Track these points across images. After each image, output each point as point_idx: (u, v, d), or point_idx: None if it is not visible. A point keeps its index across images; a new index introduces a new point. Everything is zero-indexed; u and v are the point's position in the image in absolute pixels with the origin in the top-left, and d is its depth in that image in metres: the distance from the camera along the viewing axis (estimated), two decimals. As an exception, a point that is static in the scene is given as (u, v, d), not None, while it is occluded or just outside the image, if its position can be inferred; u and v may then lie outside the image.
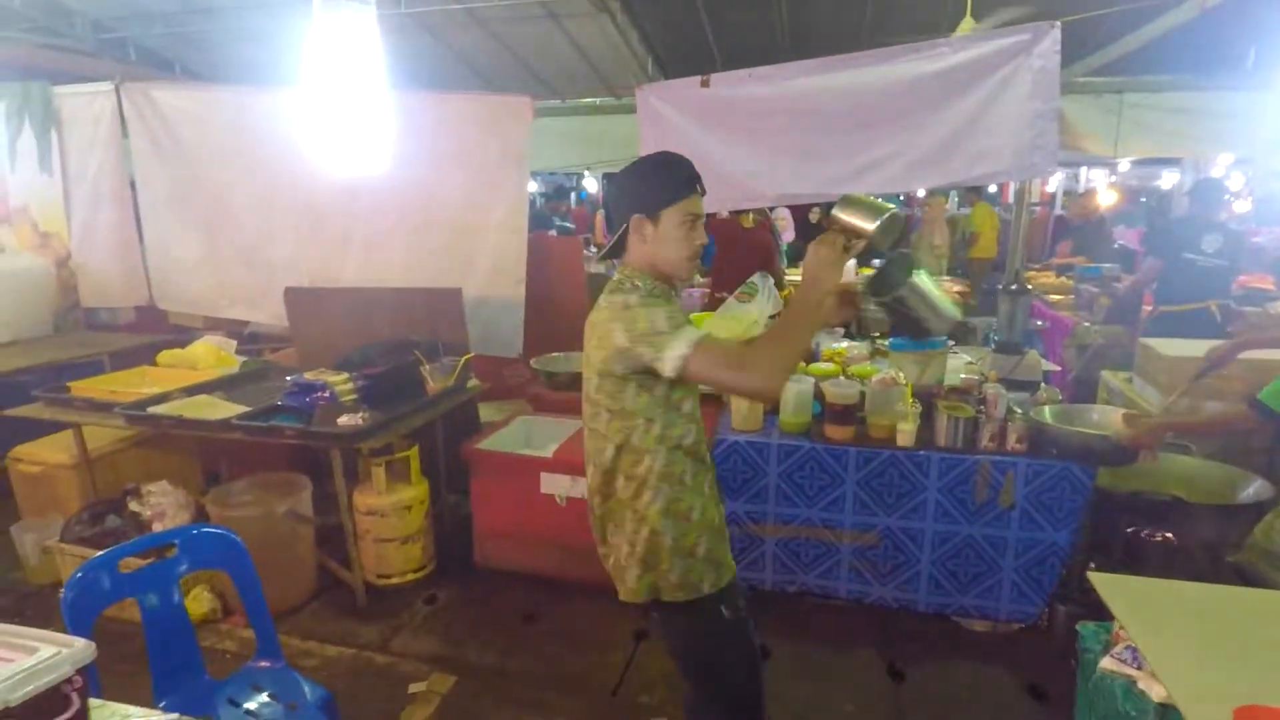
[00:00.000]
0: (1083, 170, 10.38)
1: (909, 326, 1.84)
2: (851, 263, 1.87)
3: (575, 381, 4.32)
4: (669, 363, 1.58)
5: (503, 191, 4.16)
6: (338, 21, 2.88)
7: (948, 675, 2.86)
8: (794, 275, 6.88)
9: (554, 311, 4.55)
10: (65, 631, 1.57)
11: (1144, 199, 10.24)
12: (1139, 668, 1.60)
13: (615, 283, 1.75)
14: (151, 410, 3.26)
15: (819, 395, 3.15)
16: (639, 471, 1.72)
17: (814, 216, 7.80)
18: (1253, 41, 3.99)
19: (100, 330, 5.24)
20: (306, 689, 2.05)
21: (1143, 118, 4.04)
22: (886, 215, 1.59)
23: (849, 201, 1.65)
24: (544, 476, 3.32)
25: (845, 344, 3.88)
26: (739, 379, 1.61)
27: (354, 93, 2.96)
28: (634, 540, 1.75)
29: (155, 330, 5.05)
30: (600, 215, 10.54)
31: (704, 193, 1.75)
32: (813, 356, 3.74)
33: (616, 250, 1.78)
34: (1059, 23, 3.23)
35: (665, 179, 1.72)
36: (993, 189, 8.02)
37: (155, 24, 4.89)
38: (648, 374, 1.66)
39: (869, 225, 1.59)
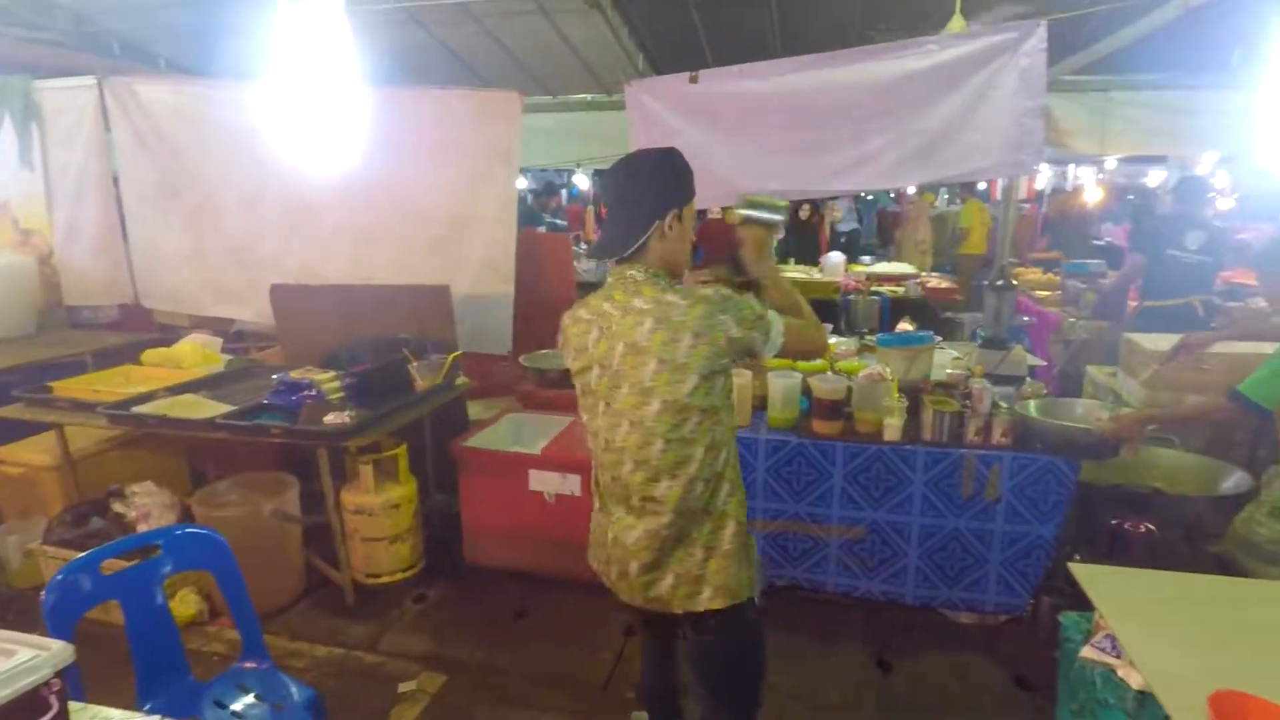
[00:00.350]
0: (1070, 168, 10.44)
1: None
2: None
3: (565, 379, 4.32)
4: (776, 342, 1.67)
5: (492, 187, 4.14)
6: (304, 14, 2.85)
7: (934, 666, 2.88)
8: (787, 271, 6.90)
9: (543, 309, 4.53)
10: (47, 635, 1.56)
11: (1131, 196, 10.31)
12: (1118, 656, 1.62)
13: (644, 282, 1.66)
14: (136, 410, 3.23)
15: (807, 390, 3.16)
16: (718, 467, 1.68)
17: (804, 214, 7.82)
18: (1236, 42, 4.02)
19: (83, 329, 5.18)
20: (293, 689, 2.04)
21: (1128, 116, 4.08)
22: (785, 205, 1.95)
23: (751, 202, 1.93)
24: (533, 474, 3.32)
25: (833, 340, 3.89)
26: (811, 342, 1.83)
27: (325, 87, 2.93)
28: (714, 542, 1.68)
29: (139, 329, 4.99)
30: (590, 211, 10.51)
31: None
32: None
33: (641, 249, 1.68)
34: (1045, 21, 3.24)
35: (686, 172, 1.72)
36: (981, 186, 8.05)
37: (139, 17, 4.83)
38: (739, 361, 1.71)
39: (778, 216, 1.94)
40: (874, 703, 2.71)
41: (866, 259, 8.46)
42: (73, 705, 1.31)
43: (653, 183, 1.69)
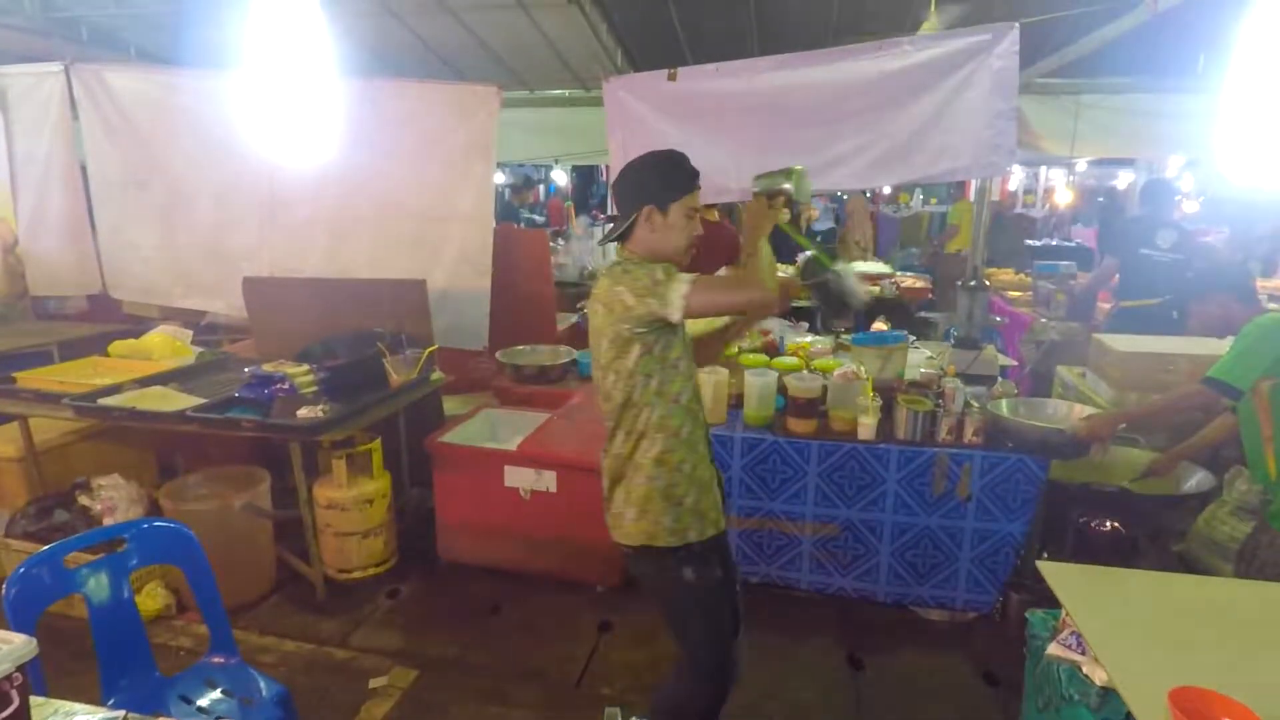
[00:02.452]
0: (1042, 169, 10.60)
1: (830, 305, 2.19)
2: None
3: (541, 375, 4.32)
4: (674, 304, 1.77)
5: (469, 181, 4.12)
6: (278, 3, 2.82)
7: (905, 663, 2.92)
8: (779, 271, 6.92)
9: (520, 304, 4.53)
10: (8, 629, 1.53)
11: (1100, 199, 10.50)
12: (1083, 653, 1.65)
13: (614, 263, 1.92)
14: (102, 402, 3.18)
15: (782, 389, 3.18)
16: (639, 425, 1.88)
17: (784, 217, 7.86)
18: (1203, 47, 4.10)
19: (49, 320, 5.09)
20: (262, 684, 2.02)
21: (1098, 119, 4.15)
22: (794, 172, 1.99)
23: (759, 178, 2.03)
24: (508, 470, 3.31)
25: (809, 339, 3.92)
26: (738, 295, 1.93)
27: (298, 78, 2.90)
28: (630, 488, 1.91)
29: (107, 320, 4.91)
30: (571, 207, 10.49)
31: (700, 188, 1.95)
32: (777, 350, 3.78)
33: (624, 235, 1.93)
34: (1018, 24, 3.29)
35: (676, 174, 1.92)
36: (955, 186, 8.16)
37: (109, 3, 4.74)
38: (653, 329, 1.82)
39: (786, 183, 1.98)
40: (846, 700, 2.73)
41: (867, 257, 8.52)
42: (34, 700, 1.29)
43: (643, 181, 1.92)
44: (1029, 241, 9.46)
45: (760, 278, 1.92)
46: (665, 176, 1.91)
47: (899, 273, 7.52)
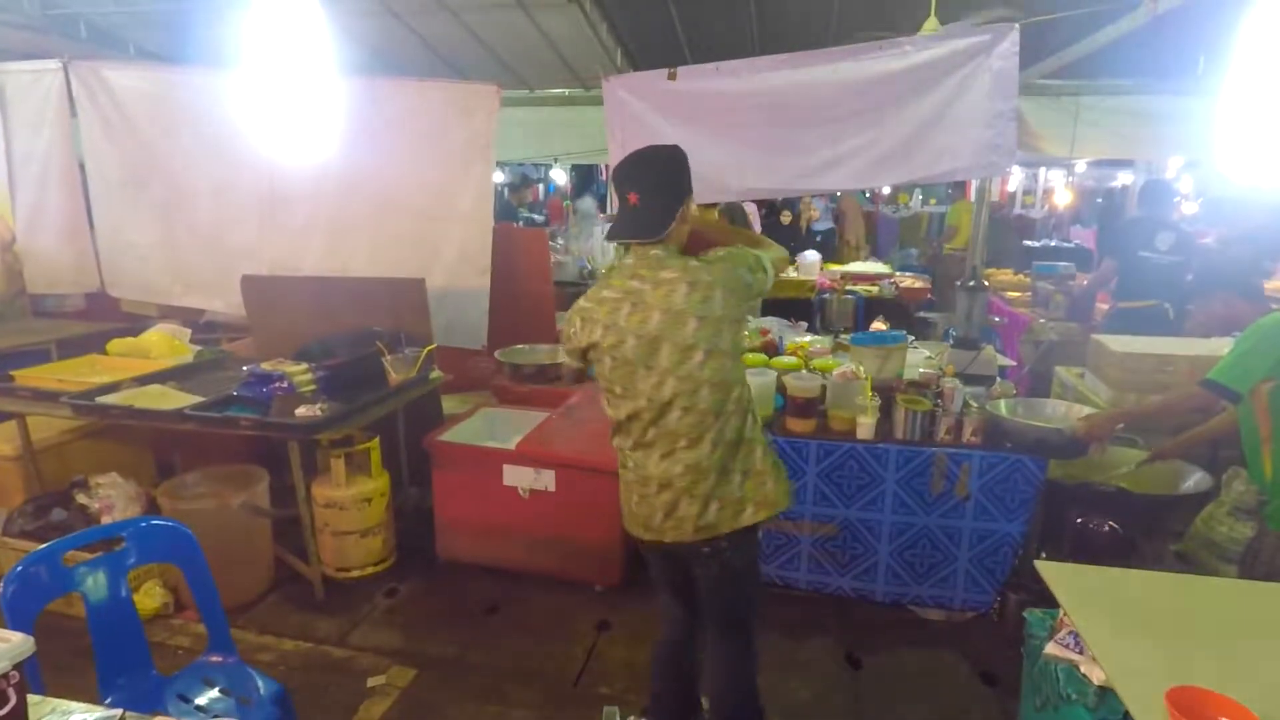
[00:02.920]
0: (1041, 170, 10.60)
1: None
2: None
3: (540, 374, 4.31)
4: (771, 271, 1.97)
5: (468, 180, 4.12)
6: (277, 1, 2.81)
7: (904, 663, 2.92)
8: None
9: (519, 303, 4.53)
10: (6, 627, 1.53)
11: (1099, 199, 10.51)
12: (1081, 652, 1.65)
13: (666, 258, 1.91)
14: (101, 400, 3.17)
15: (781, 388, 3.18)
16: (744, 403, 1.95)
17: (785, 219, 7.88)
18: (1203, 48, 4.10)
19: (47, 317, 5.08)
20: (260, 683, 2.02)
21: (1098, 120, 4.15)
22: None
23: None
24: (506, 469, 3.30)
25: (808, 338, 3.92)
26: (780, 255, 2.12)
27: (298, 76, 2.90)
28: (750, 464, 1.96)
29: (106, 318, 4.89)
30: (570, 205, 10.48)
31: None
32: (776, 350, 3.78)
33: (660, 229, 1.90)
34: (1018, 25, 3.29)
35: (688, 166, 1.98)
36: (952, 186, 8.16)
37: (108, 1, 4.73)
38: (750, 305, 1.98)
39: None
40: (844, 699, 2.73)
41: (861, 256, 8.53)
42: (32, 698, 1.29)
43: (678, 173, 1.95)
44: (1028, 242, 9.46)
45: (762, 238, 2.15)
46: (687, 169, 1.97)
47: (898, 273, 7.54)
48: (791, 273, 7.06)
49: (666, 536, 1.98)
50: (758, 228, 7.60)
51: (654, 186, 1.92)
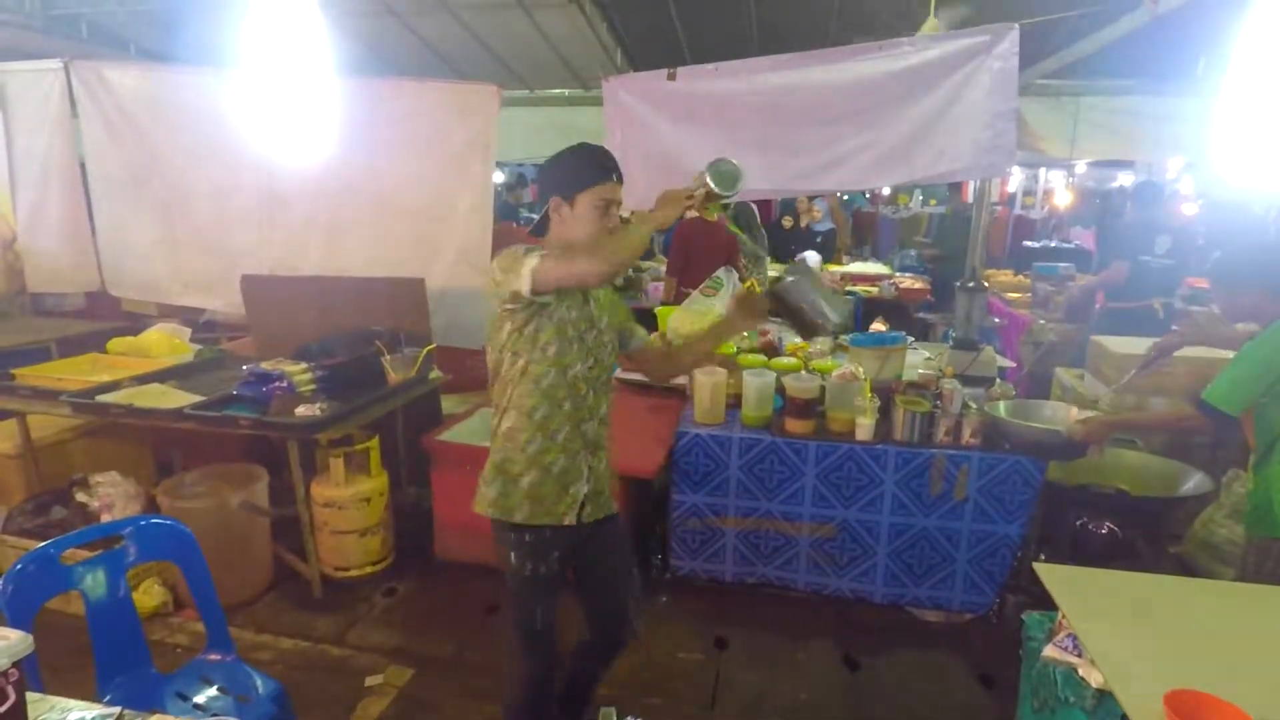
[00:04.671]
0: (1041, 171, 10.59)
1: (800, 325, 2.09)
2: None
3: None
4: (525, 277, 1.79)
5: (468, 180, 4.12)
6: (278, 1, 2.82)
7: (901, 665, 2.92)
8: (779, 272, 6.93)
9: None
10: (5, 624, 1.53)
11: (1097, 200, 10.50)
12: (1079, 655, 1.65)
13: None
14: (100, 399, 3.18)
15: (780, 389, 3.18)
16: (503, 401, 1.97)
17: (787, 224, 7.88)
18: (1202, 50, 4.10)
19: (47, 316, 5.08)
20: (258, 682, 2.02)
21: (1098, 120, 4.14)
22: (710, 168, 1.89)
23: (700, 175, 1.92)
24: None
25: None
26: (581, 266, 1.81)
27: (297, 75, 2.90)
28: (496, 460, 1.99)
29: (106, 317, 4.90)
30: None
31: (621, 181, 1.94)
32: (775, 351, 3.78)
33: (541, 229, 2.00)
34: (1017, 25, 3.29)
35: (581, 166, 1.94)
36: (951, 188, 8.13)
37: (109, 1, 4.74)
38: (523, 308, 1.86)
39: (707, 178, 1.88)
40: (842, 701, 2.73)
41: (845, 258, 8.53)
42: (31, 696, 1.29)
43: (545, 174, 2.01)
44: (1028, 243, 9.45)
45: (616, 250, 1.84)
46: (571, 169, 1.95)
47: (898, 274, 7.54)
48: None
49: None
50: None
51: (541, 190, 2.04)
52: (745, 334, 3.83)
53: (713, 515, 3.19)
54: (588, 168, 1.94)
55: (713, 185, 1.87)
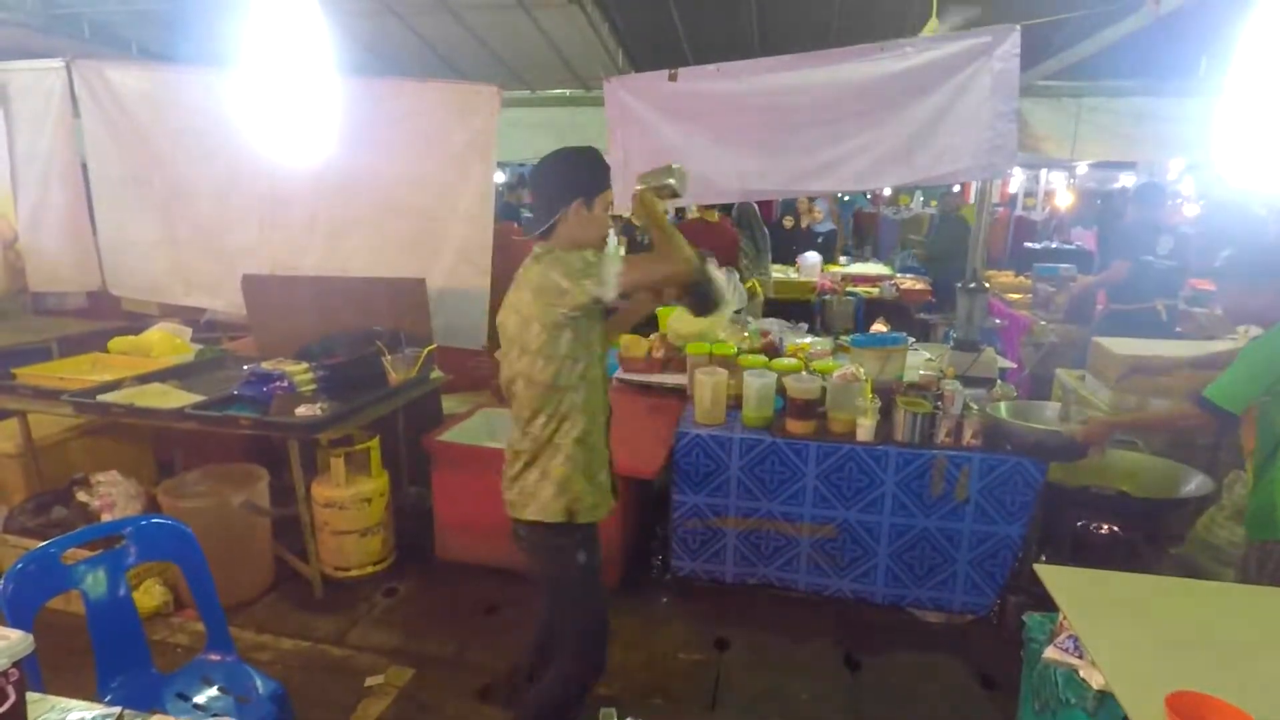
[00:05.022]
0: (1043, 172, 10.59)
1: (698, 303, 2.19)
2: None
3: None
4: (610, 282, 1.85)
5: (469, 181, 4.12)
6: (279, 1, 2.82)
7: (902, 665, 2.91)
8: (780, 272, 6.93)
9: (519, 303, 4.51)
10: (5, 624, 1.53)
11: (1098, 201, 10.50)
12: (1080, 657, 1.65)
13: (537, 256, 1.99)
14: (101, 398, 3.18)
15: (781, 390, 3.18)
16: (562, 408, 1.96)
17: (788, 224, 7.89)
18: (1204, 50, 4.09)
19: (48, 315, 5.09)
20: (258, 682, 2.02)
21: (1099, 121, 4.13)
22: (674, 170, 2.03)
23: (644, 176, 2.06)
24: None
25: (808, 340, 3.92)
26: (666, 267, 1.97)
27: (298, 75, 2.90)
28: (549, 468, 1.98)
29: (107, 317, 4.91)
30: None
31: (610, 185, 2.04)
32: (776, 351, 3.78)
33: (549, 230, 2.00)
34: (1019, 26, 3.28)
35: (596, 168, 2.02)
36: (955, 188, 8.12)
37: (111, 0, 4.75)
38: (586, 313, 1.90)
39: (669, 179, 2.02)
40: (843, 702, 2.73)
41: (843, 259, 8.53)
42: (31, 696, 1.29)
43: (564, 174, 2.00)
44: (1028, 244, 9.45)
45: (682, 250, 1.97)
46: (592, 170, 2.00)
47: (899, 275, 7.54)
48: (792, 274, 7.06)
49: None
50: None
51: (540, 187, 2.03)
52: (746, 334, 3.83)
53: (713, 516, 3.18)
54: (601, 170, 2.02)
55: (674, 182, 2.00)
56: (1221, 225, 6.62)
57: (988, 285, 4.02)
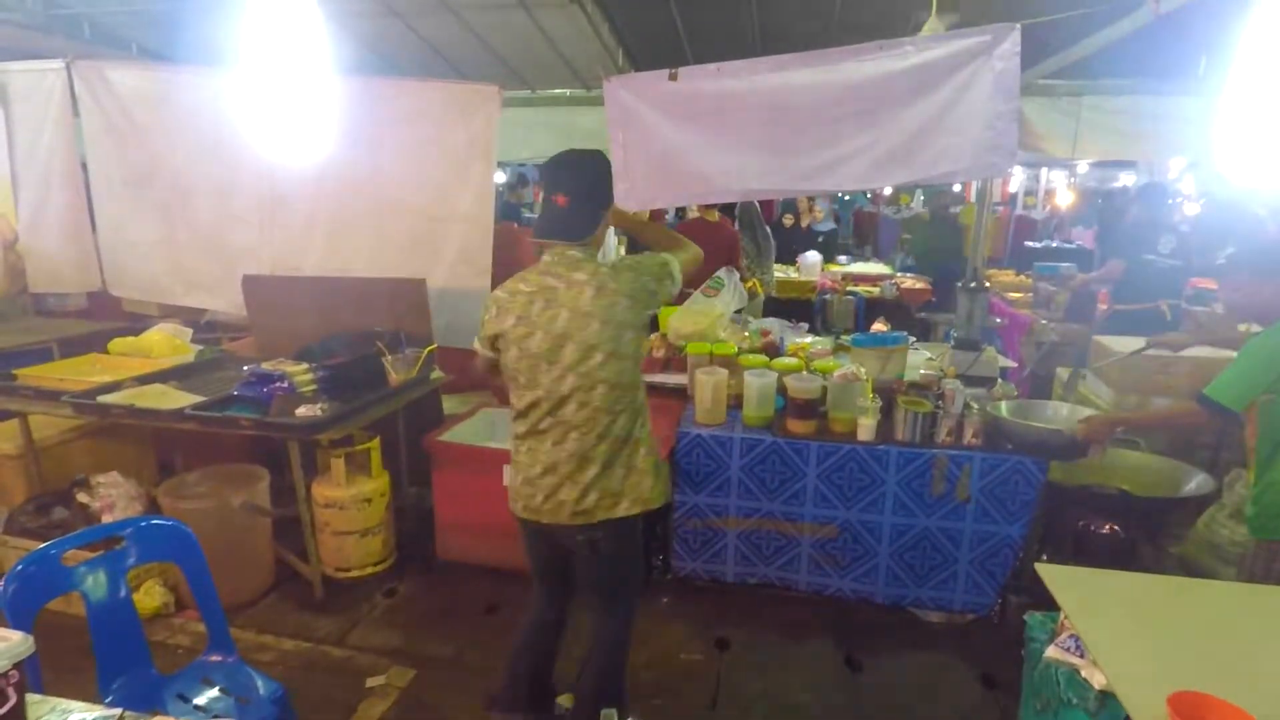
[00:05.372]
0: (1043, 171, 10.59)
1: None
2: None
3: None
4: (678, 278, 2.09)
5: (469, 181, 4.11)
6: (278, 1, 2.82)
7: (903, 665, 2.91)
8: (780, 271, 6.93)
9: (519, 303, 4.51)
10: (6, 626, 1.53)
11: (1099, 200, 10.51)
12: (1082, 656, 1.65)
13: (583, 260, 2.04)
14: (102, 399, 3.17)
15: (782, 390, 3.18)
16: (636, 403, 2.09)
17: (788, 222, 7.89)
18: (1204, 49, 4.09)
19: (49, 316, 5.08)
20: (259, 683, 2.02)
21: (1100, 120, 4.13)
22: None
23: None
24: (507, 469, 3.28)
25: (809, 339, 3.92)
26: (689, 253, 2.22)
27: (298, 75, 2.90)
28: (633, 463, 2.08)
29: (107, 317, 4.91)
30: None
31: None
32: (777, 351, 3.77)
33: (585, 231, 2.05)
34: (1019, 25, 3.28)
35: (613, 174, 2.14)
36: (956, 188, 8.11)
37: (111, 0, 4.74)
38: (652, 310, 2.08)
39: None
40: (843, 702, 2.73)
41: (843, 259, 8.53)
42: (31, 697, 1.29)
43: (605, 180, 2.09)
44: (1029, 243, 9.44)
45: (676, 238, 2.27)
46: (610, 177, 2.12)
47: (899, 274, 7.53)
48: (792, 274, 7.06)
49: (544, 518, 2.12)
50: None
51: (583, 191, 2.03)
52: (746, 334, 3.83)
53: (714, 516, 3.18)
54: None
55: None
56: (1219, 224, 6.63)
57: (988, 284, 4.02)
